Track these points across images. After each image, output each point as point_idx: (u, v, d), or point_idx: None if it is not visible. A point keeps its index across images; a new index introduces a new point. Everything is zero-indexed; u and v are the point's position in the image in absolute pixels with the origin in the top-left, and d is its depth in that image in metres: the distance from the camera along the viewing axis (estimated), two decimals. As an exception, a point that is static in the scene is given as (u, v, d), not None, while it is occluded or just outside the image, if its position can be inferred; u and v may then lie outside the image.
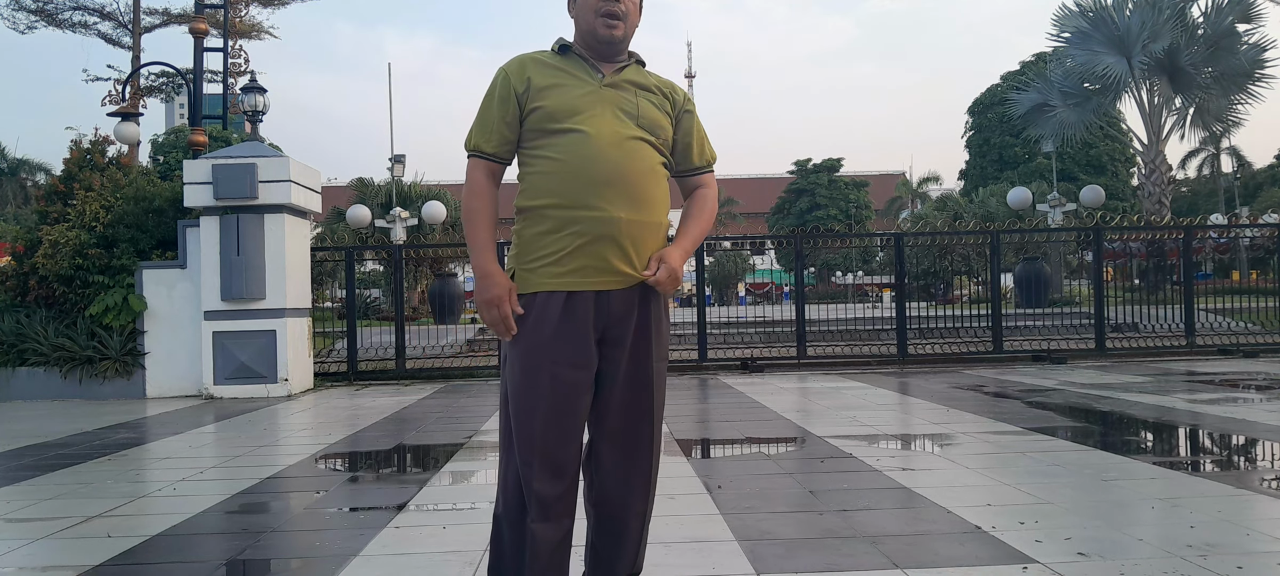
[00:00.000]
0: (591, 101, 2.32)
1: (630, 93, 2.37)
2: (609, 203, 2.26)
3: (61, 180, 11.18)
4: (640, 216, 2.30)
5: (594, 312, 2.29)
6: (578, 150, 2.27)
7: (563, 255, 2.27)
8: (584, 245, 2.26)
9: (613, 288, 2.30)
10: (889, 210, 59.19)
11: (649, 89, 2.43)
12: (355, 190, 30.23)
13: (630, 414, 2.37)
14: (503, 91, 2.36)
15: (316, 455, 5.88)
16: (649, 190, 2.33)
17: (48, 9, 27.82)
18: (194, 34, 12.87)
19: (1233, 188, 47.96)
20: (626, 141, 2.31)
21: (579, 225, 2.26)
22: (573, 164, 2.27)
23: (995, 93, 46.28)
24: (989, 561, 3.11)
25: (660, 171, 2.39)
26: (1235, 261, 22.42)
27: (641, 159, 2.32)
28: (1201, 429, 6.28)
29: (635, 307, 2.34)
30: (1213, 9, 20.07)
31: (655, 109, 2.40)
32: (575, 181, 2.26)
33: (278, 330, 9.87)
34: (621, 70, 2.40)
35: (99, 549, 3.60)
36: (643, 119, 2.36)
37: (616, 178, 2.27)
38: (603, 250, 2.27)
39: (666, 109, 2.44)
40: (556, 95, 2.32)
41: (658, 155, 2.38)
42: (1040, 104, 22.48)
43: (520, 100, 2.34)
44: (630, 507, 2.41)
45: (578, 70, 2.37)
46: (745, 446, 5.90)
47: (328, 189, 16.33)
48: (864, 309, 16.11)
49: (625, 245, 2.29)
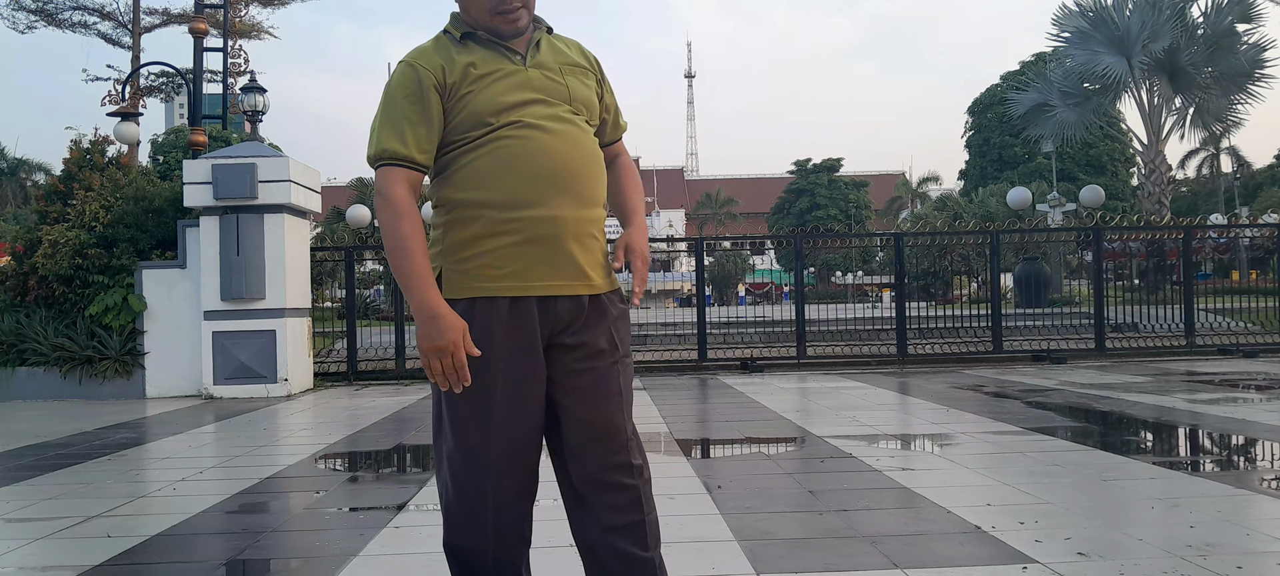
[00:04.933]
0: (519, 91, 2.05)
1: (556, 72, 2.12)
2: (553, 201, 2.02)
3: (61, 180, 11.18)
4: (585, 212, 2.08)
5: (540, 319, 2.04)
6: (516, 148, 2.01)
7: (502, 257, 2.02)
8: (525, 247, 2.02)
9: (560, 293, 2.05)
10: (889, 210, 59.21)
11: (572, 64, 2.17)
12: (355, 190, 30.30)
13: (598, 428, 2.10)
14: (418, 87, 2.04)
15: (316, 455, 5.88)
16: (593, 182, 2.10)
17: (48, 9, 27.82)
18: (194, 34, 12.87)
19: (1233, 188, 47.99)
20: (564, 131, 2.06)
21: (520, 227, 2.01)
22: (510, 163, 2.01)
23: (995, 93, 46.35)
24: (989, 561, 3.11)
25: (599, 156, 2.15)
26: (1235, 261, 22.41)
27: (582, 148, 2.09)
28: (1201, 429, 6.28)
29: (585, 308, 2.09)
30: (1213, 9, 20.08)
31: (583, 87, 2.16)
32: (515, 181, 2.00)
33: (277, 330, 9.87)
34: (537, 46, 2.12)
35: (99, 549, 3.60)
36: (575, 101, 2.12)
37: (561, 174, 2.03)
38: (548, 253, 2.03)
39: (592, 84, 2.20)
40: (482, 88, 2.04)
41: (594, 138, 2.16)
42: (1040, 104, 22.48)
43: (442, 93, 2.04)
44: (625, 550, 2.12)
45: (493, 58, 2.08)
46: (745, 446, 5.90)
47: (328, 189, 16.34)
48: (864, 309, 16.11)
49: (572, 247, 2.05)
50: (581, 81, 2.16)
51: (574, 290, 2.07)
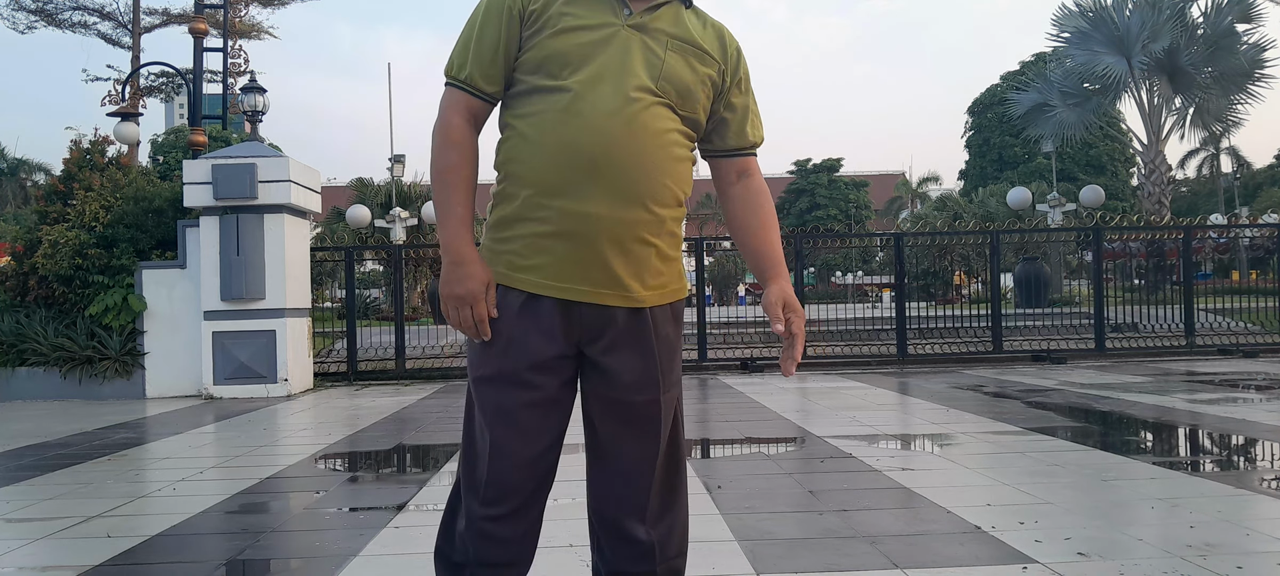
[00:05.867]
0: (602, 50, 1.74)
1: (660, 40, 1.78)
2: (587, 195, 1.71)
3: (61, 180, 11.18)
4: (631, 213, 1.73)
5: (560, 321, 1.78)
6: (557, 122, 1.72)
7: (530, 246, 1.77)
8: (555, 241, 1.75)
9: (583, 299, 1.77)
10: (889, 210, 59.23)
11: (690, 41, 1.81)
12: (355, 190, 30.27)
13: (616, 476, 1.87)
14: (504, 7, 1.78)
15: (316, 455, 5.88)
16: (648, 176, 1.74)
17: (48, 9, 27.84)
18: (194, 34, 12.87)
19: (1232, 188, 47.99)
20: (629, 105, 1.72)
21: (551, 218, 1.74)
22: (548, 139, 1.73)
23: (995, 93, 46.37)
24: (989, 561, 3.11)
25: (676, 148, 1.79)
26: (1235, 261, 22.40)
27: (647, 129, 1.73)
28: (1201, 429, 6.28)
29: (619, 324, 1.80)
30: (1212, 9, 20.09)
31: (687, 69, 1.80)
32: (548, 162, 1.73)
33: (277, 330, 9.87)
34: (656, 8, 1.80)
35: (99, 549, 3.60)
36: (665, 80, 1.77)
37: (604, 163, 1.70)
38: (578, 253, 1.74)
39: (706, 73, 1.83)
40: (562, 34, 1.75)
41: (676, 125, 1.79)
42: (1040, 104, 22.50)
43: (522, 19, 1.77)
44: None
45: (595, 3, 1.78)
46: (745, 446, 5.90)
47: (328, 189, 16.33)
48: (864, 309, 16.11)
49: (607, 252, 1.74)
50: (688, 63, 1.80)
51: (602, 299, 1.77)
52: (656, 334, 1.83)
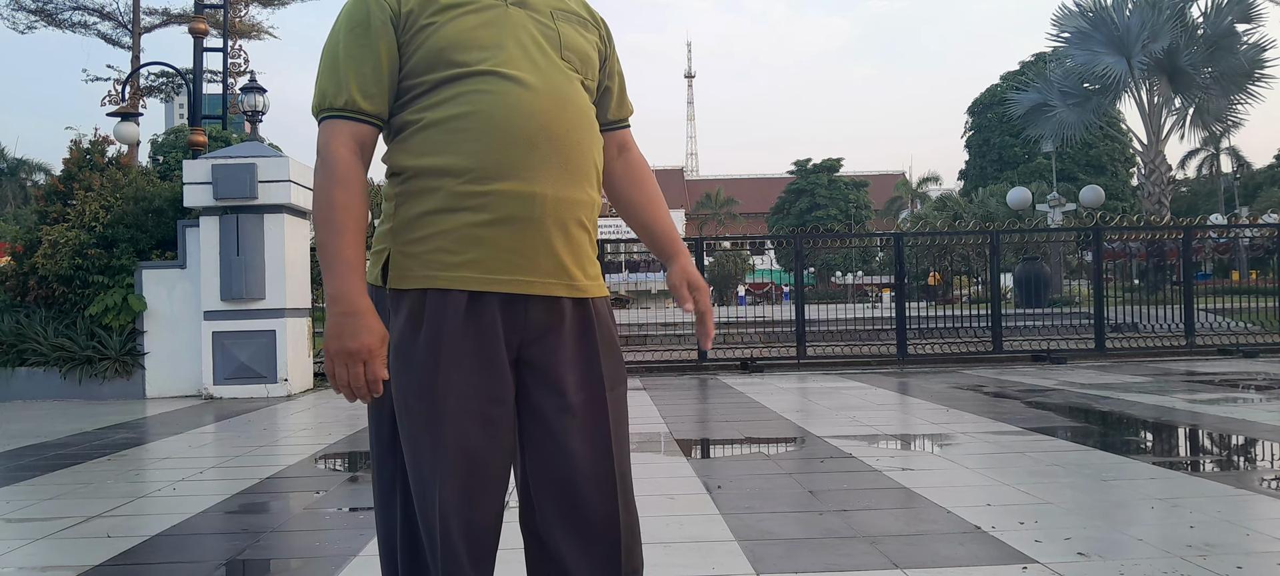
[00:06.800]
0: (498, 30, 1.64)
1: (545, 15, 1.70)
2: (532, 173, 1.59)
3: (61, 180, 11.18)
4: (574, 193, 1.64)
5: (503, 323, 1.60)
6: (486, 102, 1.59)
7: (461, 239, 1.59)
8: (493, 230, 1.58)
9: (532, 292, 1.62)
10: (889, 210, 59.27)
11: (569, 12, 1.75)
12: (355, 190, 30.28)
13: (577, 473, 1.64)
14: (366, 17, 1.63)
15: (316, 455, 5.88)
16: (585, 154, 1.66)
17: (48, 9, 27.82)
18: (194, 34, 12.87)
19: (1232, 188, 48.03)
20: (551, 86, 1.63)
21: (487, 204, 1.58)
22: (478, 120, 1.59)
23: (995, 93, 46.38)
24: (989, 561, 3.11)
25: (594, 124, 1.72)
26: (1235, 261, 22.41)
27: (573, 109, 1.66)
28: (1201, 429, 6.28)
29: (565, 316, 1.65)
30: (1212, 9, 20.11)
31: (580, 38, 1.73)
32: (482, 144, 1.58)
33: (277, 330, 9.87)
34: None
35: (99, 549, 3.60)
36: (568, 50, 1.69)
37: (543, 139, 1.60)
38: (522, 239, 1.59)
39: (594, 40, 1.77)
40: (448, 21, 1.62)
41: (589, 99, 1.73)
42: (1040, 104, 22.52)
43: (396, 25, 1.62)
44: None
45: None
46: (745, 446, 5.90)
47: (327, 189, 16.23)
48: (864, 309, 16.12)
49: (553, 235, 1.61)
50: (578, 32, 1.74)
51: (551, 290, 1.63)
52: (600, 325, 1.70)
